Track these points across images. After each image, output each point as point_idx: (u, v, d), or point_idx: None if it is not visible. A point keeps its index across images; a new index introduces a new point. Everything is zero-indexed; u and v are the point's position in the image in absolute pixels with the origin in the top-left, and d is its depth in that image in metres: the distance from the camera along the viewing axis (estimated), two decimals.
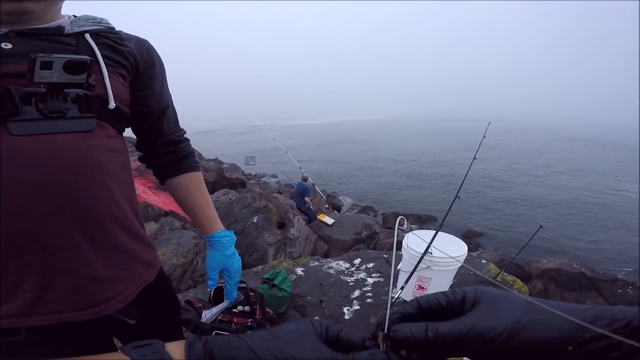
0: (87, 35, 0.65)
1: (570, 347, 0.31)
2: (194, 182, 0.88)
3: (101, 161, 0.64)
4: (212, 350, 0.32)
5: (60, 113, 0.58)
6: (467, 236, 8.39)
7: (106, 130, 0.66)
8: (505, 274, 2.08)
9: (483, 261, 2.27)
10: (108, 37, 0.68)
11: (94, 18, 0.67)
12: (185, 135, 0.89)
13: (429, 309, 0.37)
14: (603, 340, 0.30)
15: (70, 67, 0.56)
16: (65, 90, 0.58)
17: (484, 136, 2.09)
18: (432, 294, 0.38)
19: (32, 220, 0.57)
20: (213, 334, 1.37)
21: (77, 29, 0.63)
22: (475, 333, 0.33)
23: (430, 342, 0.34)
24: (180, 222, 4.08)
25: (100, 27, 0.67)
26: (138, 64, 0.72)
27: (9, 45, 0.56)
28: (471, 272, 2.05)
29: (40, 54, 0.54)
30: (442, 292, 0.38)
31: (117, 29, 0.72)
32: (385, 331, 0.36)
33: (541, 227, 2.19)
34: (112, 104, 0.64)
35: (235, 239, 0.96)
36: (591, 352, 0.31)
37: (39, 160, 0.56)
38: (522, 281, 2.46)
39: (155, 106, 0.77)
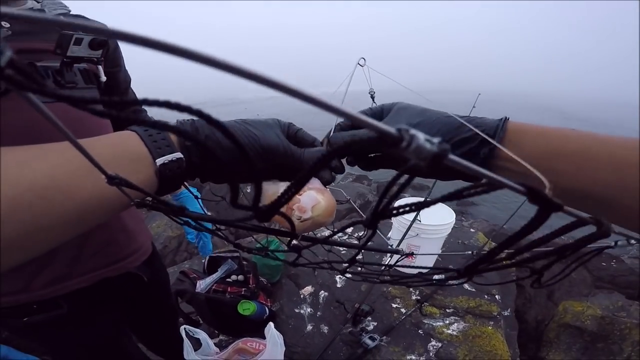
0: (63, 17, 0.65)
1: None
2: None
3: (108, 125, 0.74)
4: (197, 127, 0.37)
5: (74, 84, 0.66)
6: (459, 205, 8.55)
7: None
8: (494, 243, 2.13)
9: (472, 230, 2.32)
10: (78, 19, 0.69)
11: (60, 2, 0.71)
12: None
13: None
14: (470, 142, 0.37)
15: (96, 44, 0.65)
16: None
17: (474, 106, 2.05)
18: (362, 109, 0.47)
19: None
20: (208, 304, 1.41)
21: (53, 12, 0.68)
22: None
23: (350, 143, 0.39)
24: None
25: (66, 10, 0.71)
26: (108, 44, 0.76)
27: (8, 25, 0.60)
28: (459, 242, 2.10)
29: (81, 33, 0.62)
30: (369, 107, 0.47)
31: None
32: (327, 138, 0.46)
33: None
34: (103, 77, 0.72)
35: None
36: (461, 154, 0.37)
37: (68, 122, 0.59)
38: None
39: (123, 81, 0.85)
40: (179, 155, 0.33)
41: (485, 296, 1.57)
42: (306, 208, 0.40)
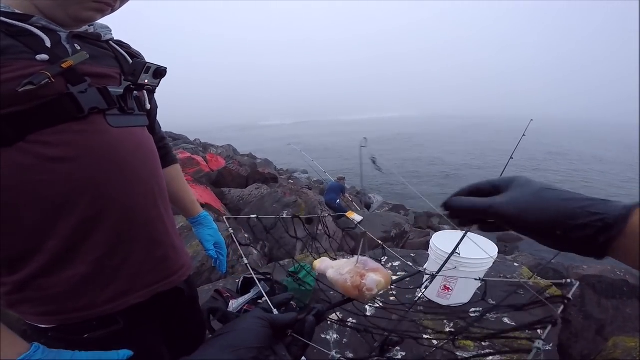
0: (112, 43, 0.74)
1: (559, 232, 0.37)
2: (179, 172, 1.02)
3: (156, 150, 0.77)
4: None
5: (132, 110, 0.69)
6: (502, 239, 7.99)
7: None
8: (539, 278, 1.98)
9: (515, 264, 2.17)
10: (123, 45, 0.77)
11: (106, 26, 0.73)
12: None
13: (477, 192, 0.48)
14: (587, 230, 0.36)
15: (158, 74, 0.69)
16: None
17: (524, 135, 1.98)
18: (480, 181, 0.49)
19: (136, 195, 0.68)
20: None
21: (106, 37, 0.72)
22: (494, 209, 0.43)
23: (468, 210, 0.46)
24: (214, 214, 4.27)
25: (111, 35, 0.74)
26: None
27: (79, 47, 0.63)
28: (501, 275, 1.97)
29: (149, 61, 0.67)
30: (487, 180, 0.49)
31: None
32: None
33: None
34: (148, 105, 0.76)
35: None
36: (576, 239, 0.36)
37: (132, 147, 0.67)
38: (559, 287, 2.32)
39: (154, 108, 0.87)
40: None
41: (526, 330, 1.45)
42: (372, 287, 0.55)
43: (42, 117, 0.55)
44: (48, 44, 0.57)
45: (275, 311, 0.60)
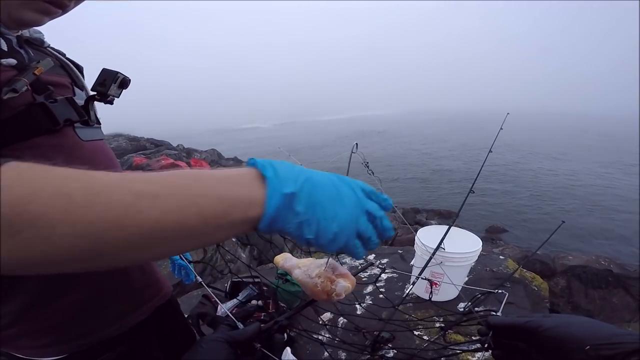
0: (51, 49, 0.66)
1: (588, 347, 0.39)
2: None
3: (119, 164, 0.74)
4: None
5: (94, 122, 0.64)
6: (489, 232, 8.18)
7: None
8: (524, 270, 2.02)
9: (501, 257, 2.21)
10: (59, 51, 0.69)
11: (39, 31, 0.65)
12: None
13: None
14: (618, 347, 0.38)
15: (123, 84, 0.64)
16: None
17: (501, 128, 2.03)
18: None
19: None
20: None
21: (46, 42, 0.65)
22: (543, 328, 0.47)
23: (513, 328, 0.51)
24: None
25: (46, 40, 0.67)
26: None
27: (32, 54, 0.56)
28: (487, 269, 2.00)
29: (119, 72, 0.62)
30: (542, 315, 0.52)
31: None
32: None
33: (563, 222, 2.11)
34: (99, 115, 0.70)
35: None
36: (604, 356, 0.38)
37: (105, 162, 0.64)
38: (545, 278, 2.38)
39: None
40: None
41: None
42: (341, 293, 0.57)
43: (15, 129, 0.48)
44: (4, 47, 0.50)
45: (240, 325, 0.59)
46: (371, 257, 2.27)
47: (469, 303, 1.56)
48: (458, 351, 1.24)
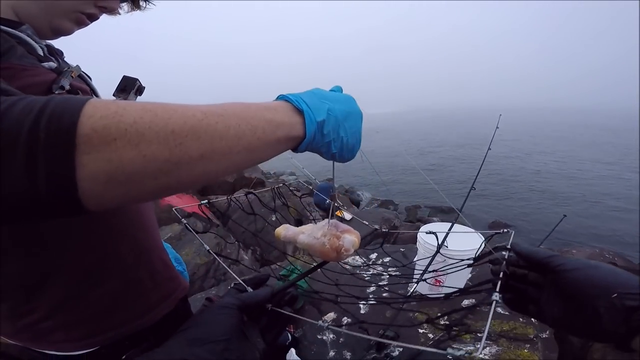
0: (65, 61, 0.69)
1: (615, 295, 0.38)
2: None
3: None
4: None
5: None
6: (492, 227, 8.17)
7: None
8: None
9: (503, 252, 2.21)
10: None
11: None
12: None
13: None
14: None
15: (139, 91, 0.69)
16: None
17: (497, 127, 2.03)
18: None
19: (141, 205, 0.68)
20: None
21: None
22: (559, 259, 0.46)
23: (529, 255, 0.50)
24: (202, 222, 4.20)
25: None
26: None
27: (60, 61, 0.59)
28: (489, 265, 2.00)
29: (138, 79, 0.67)
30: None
31: None
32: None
33: (565, 216, 2.11)
34: None
35: None
36: (630, 307, 0.37)
37: None
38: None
39: None
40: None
41: (520, 319, 1.48)
42: (349, 248, 0.57)
43: None
44: (41, 53, 0.54)
45: (249, 289, 0.58)
46: (373, 255, 2.27)
47: (483, 242, 1.56)
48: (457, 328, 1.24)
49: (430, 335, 1.43)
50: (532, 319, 1.49)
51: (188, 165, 0.33)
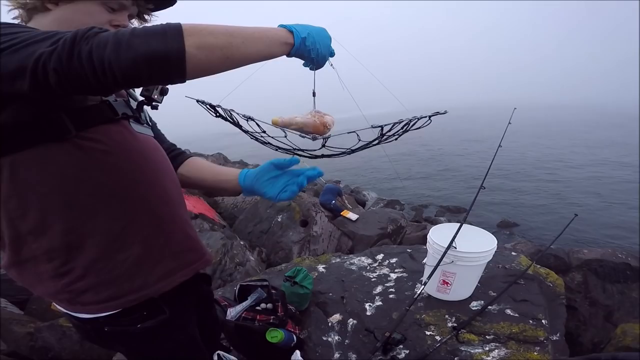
0: None
1: None
2: (200, 159, 1.05)
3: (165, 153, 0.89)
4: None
5: (144, 122, 0.81)
6: (501, 226, 8.06)
7: None
8: (538, 266, 1.97)
9: (513, 253, 2.16)
10: None
11: None
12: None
13: None
14: None
15: (164, 92, 0.81)
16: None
17: (510, 122, 1.98)
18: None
19: (167, 181, 0.79)
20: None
21: None
22: None
23: None
24: (209, 223, 4.22)
25: None
26: None
27: None
28: (499, 266, 1.96)
29: None
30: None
31: None
32: None
33: (576, 215, 2.06)
34: (150, 120, 0.88)
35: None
36: None
37: (152, 147, 0.79)
38: (560, 273, 2.32)
39: (154, 124, 0.95)
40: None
41: (530, 321, 1.44)
42: (330, 122, 0.82)
43: (90, 117, 0.66)
44: None
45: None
46: (379, 256, 2.24)
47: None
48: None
49: (438, 338, 1.40)
50: (543, 321, 1.45)
51: (236, 46, 0.58)
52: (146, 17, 0.81)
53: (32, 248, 0.65)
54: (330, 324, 1.54)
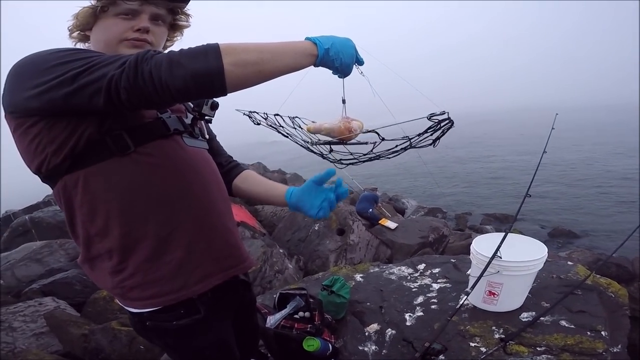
0: None
1: None
2: (254, 173, 1.11)
3: (216, 166, 0.94)
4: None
5: (198, 135, 0.88)
6: (554, 235, 7.46)
7: None
8: (598, 276, 1.79)
9: (569, 263, 1.99)
10: None
11: None
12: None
13: None
14: None
15: (214, 106, 0.91)
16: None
17: (553, 128, 1.86)
18: None
19: (212, 192, 0.85)
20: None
21: None
22: None
23: None
24: (250, 231, 4.35)
25: None
26: None
27: None
28: (554, 276, 1.81)
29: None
30: None
31: None
32: None
33: None
34: (207, 135, 0.94)
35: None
36: None
37: (203, 161, 0.85)
38: (623, 283, 2.09)
39: (213, 136, 1.03)
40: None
41: (588, 332, 1.31)
42: (356, 128, 0.84)
43: (145, 133, 0.74)
44: None
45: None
46: (421, 266, 2.17)
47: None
48: None
49: (483, 349, 1.32)
50: (602, 333, 1.31)
51: (267, 61, 0.63)
52: (176, 12, 0.82)
53: (98, 247, 0.76)
54: (367, 334, 1.51)
